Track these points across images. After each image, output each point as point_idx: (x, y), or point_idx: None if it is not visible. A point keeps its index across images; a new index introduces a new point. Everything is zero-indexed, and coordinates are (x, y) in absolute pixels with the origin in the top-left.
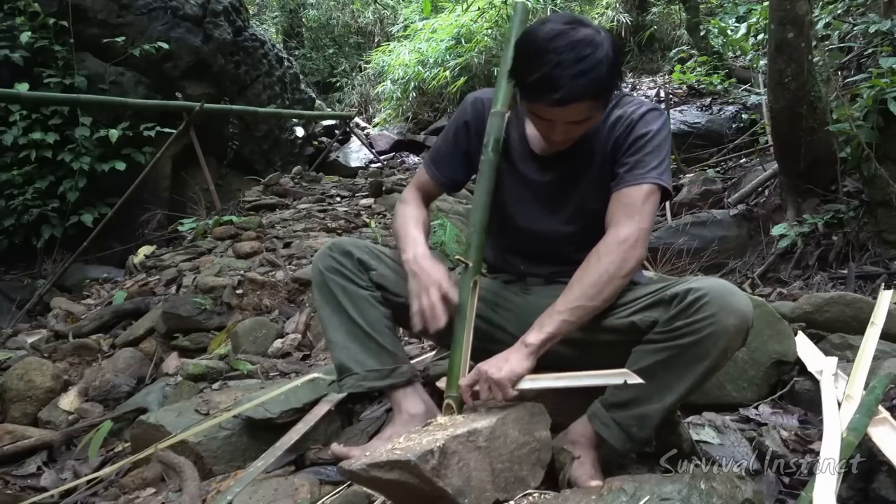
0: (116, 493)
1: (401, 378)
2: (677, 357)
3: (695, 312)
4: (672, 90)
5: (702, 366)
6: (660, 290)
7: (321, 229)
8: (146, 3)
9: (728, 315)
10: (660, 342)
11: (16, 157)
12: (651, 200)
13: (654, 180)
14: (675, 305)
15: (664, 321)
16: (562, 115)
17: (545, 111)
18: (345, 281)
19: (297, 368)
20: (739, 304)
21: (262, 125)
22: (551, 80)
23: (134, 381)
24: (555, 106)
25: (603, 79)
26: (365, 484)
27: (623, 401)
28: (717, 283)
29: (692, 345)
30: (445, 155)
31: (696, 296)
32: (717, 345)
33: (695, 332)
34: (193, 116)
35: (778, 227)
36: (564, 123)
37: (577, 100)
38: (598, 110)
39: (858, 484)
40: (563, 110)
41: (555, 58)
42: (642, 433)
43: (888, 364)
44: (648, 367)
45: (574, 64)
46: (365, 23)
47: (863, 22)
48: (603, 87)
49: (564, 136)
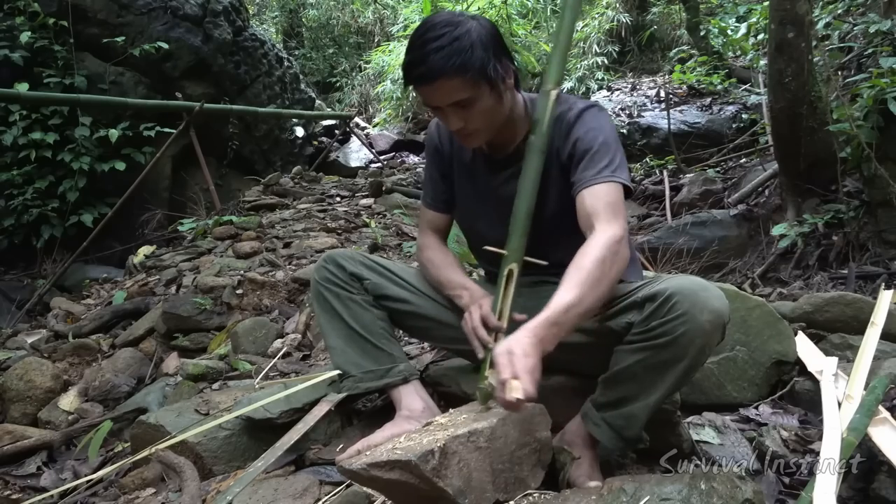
0: (116, 494)
1: (397, 377)
2: (655, 357)
3: (667, 313)
4: (672, 90)
5: (681, 364)
6: (632, 292)
7: (321, 229)
8: (146, 3)
9: (700, 312)
10: (637, 343)
11: (16, 157)
12: (622, 198)
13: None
14: (647, 307)
15: (639, 322)
16: (436, 95)
17: (424, 95)
18: (338, 289)
19: (296, 368)
20: (711, 300)
21: (262, 125)
22: (412, 60)
23: (134, 381)
24: (423, 84)
25: (465, 52)
26: (365, 484)
27: (610, 400)
28: (687, 281)
29: (668, 344)
30: (430, 182)
31: (665, 296)
32: (694, 343)
33: (669, 332)
34: (193, 116)
35: (778, 227)
36: (451, 109)
37: (438, 75)
38: (476, 89)
39: (858, 484)
40: (433, 89)
41: (416, 41)
42: (631, 432)
43: (888, 364)
44: (630, 368)
45: (432, 41)
46: (365, 23)
47: (863, 22)
48: (466, 62)
49: (460, 124)
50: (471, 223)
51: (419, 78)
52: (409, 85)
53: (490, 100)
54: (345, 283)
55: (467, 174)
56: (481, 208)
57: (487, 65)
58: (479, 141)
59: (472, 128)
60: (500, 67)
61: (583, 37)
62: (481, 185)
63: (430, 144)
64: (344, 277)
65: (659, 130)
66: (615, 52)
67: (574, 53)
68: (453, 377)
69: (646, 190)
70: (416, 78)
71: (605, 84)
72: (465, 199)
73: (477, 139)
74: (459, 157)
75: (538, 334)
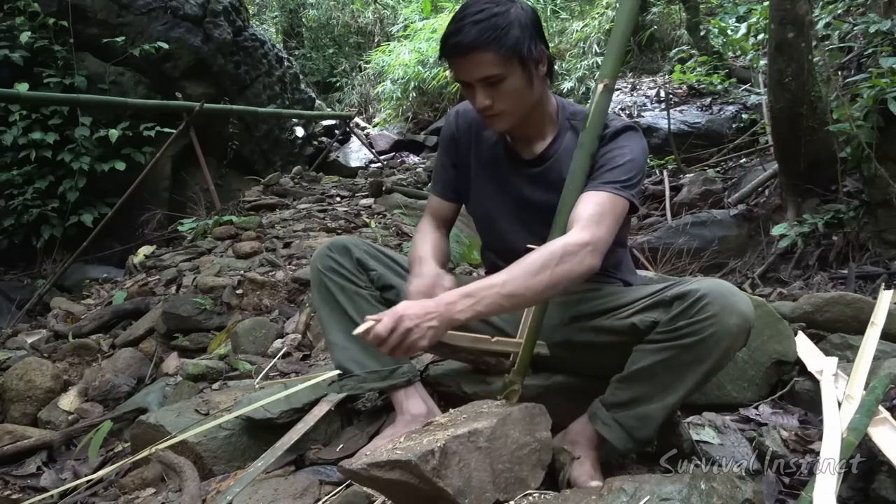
0: (116, 494)
1: (401, 378)
2: (678, 357)
3: (696, 313)
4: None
5: (703, 366)
6: (660, 291)
7: (321, 229)
8: (146, 3)
9: (730, 315)
10: (661, 342)
11: (16, 157)
12: (620, 213)
13: (627, 196)
14: (676, 306)
15: (665, 322)
16: (467, 67)
17: (456, 68)
18: (343, 281)
19: (297, 368)
20: (740, 304)
21: (261, 125)
22: (453, 30)
23: (134, 381)
24: (457, 56)
25: (502, 28)
26: (365, 483)
27: (624, 400)
28: (718, 283)
29: (694, 345)
30: (441, 170)
31: (697, 296)
32: (719, 345)
33: (696, 332)
34: (193, 116)
35: (778, 227)
36: (480, 85)
37: (472, 47)
38: (507, 67)
39: (858, 484)
40: (465, 61)
41: (458, 14)
42: (644, 433)
43: (888, 364)
44: (649, 367)
45: (473, 15)
46: (365, 23)
47: (863, 22)
48: (503, 38)
49: (487, 103)
50: (488, 220)
51: (454, 47)
52: (443, 56)
53: (520, 81)
54: (351, 274)
55: (486, 168)
56: (500, 206)
57: (522, 44)
58: (504, 124)
59: (499, 108)
60: (535, 51)
61: (583, 37)
62: (502, 181)
63: (445, 133)
64: (350, 266)
65: (659, 130)
66: None
67: (574, 53)
68: (453, 377)
69: (646, 190)
70: (450, 48)
71: None
72: (483, 194)
73: (503, 122)
74: (478, 149)
75: (446, 299)
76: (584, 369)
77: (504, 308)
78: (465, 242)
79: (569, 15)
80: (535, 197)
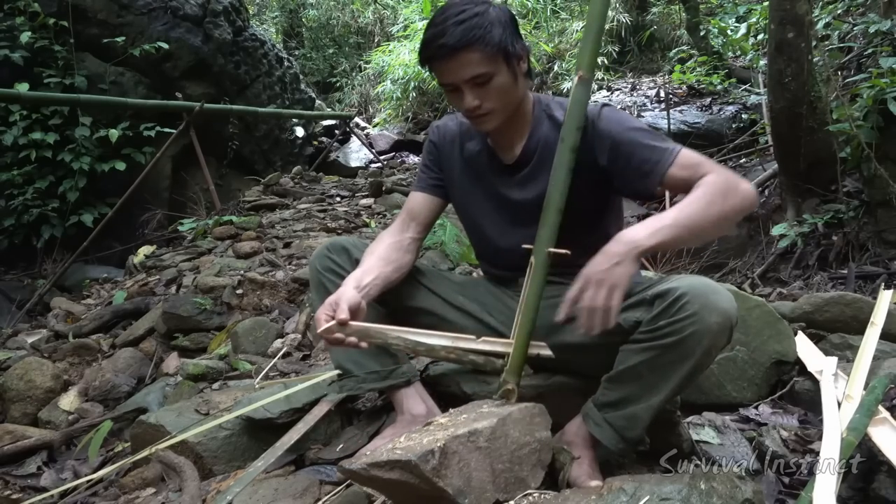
0: (116, 493)
1: (400, 378)
2: (661, 357)
3: (676, 312)
4: (672, 90)
5: (686, 365)
6: (642, 290)
7: (321, 229)
8: (146, 3)
9: (710, 313)
10: (644, 342)
11: (16, 157)
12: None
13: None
14: (657, 305)
15: (647, 321)
16: (454, 69)
17: (441, 71)
18: (341, 281)
19: (297, 368)
20: (721, 302)
21: (262, 125)
22: (433, 34)
23: (134, 381)
24: (443, 58)
25: (485, 27)
26: (365, 483)
27: (613, 401)
28: (698, 281)
29: (675, 344)
30: (423, 169)
31: (677, 295)
32: (701, 344)
33: (677, 331)
34: (193, 116)
35: (778, 227)
36: (468, 86)
37: (459, 47)
38: (494, 65)
39: (858, 484)
40: (452, 62)
41: (437, 18)
42: (633, 433)
43: (888, 364)
44: (635, 367)
45: (455, 16)
46: (365, 23)
47: (863, 22)
48: (487, 36)
49: (475, 103)
50: (476, 226)
51: (440, 49)
52: (427, 62)
53: (507, 78)
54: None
55: (472, 178)
56: (492, 213)
57: (506, 41)
58: (493, 123)
59: (487, 107)
60: (517, 47)
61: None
62: (489, 190)
63: (429, 143)
64: (349, 267)
65: (659, 130)
66: (615, 52)
67: (574, 53)
68: (453, 377)
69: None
70: (436, 50)
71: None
72: (472, 204)
73: (491, 120)
74: (462, 161)
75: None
76: (576, 369)
77: (682, 239)
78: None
79: (569, 15)
80: (527, 197)
